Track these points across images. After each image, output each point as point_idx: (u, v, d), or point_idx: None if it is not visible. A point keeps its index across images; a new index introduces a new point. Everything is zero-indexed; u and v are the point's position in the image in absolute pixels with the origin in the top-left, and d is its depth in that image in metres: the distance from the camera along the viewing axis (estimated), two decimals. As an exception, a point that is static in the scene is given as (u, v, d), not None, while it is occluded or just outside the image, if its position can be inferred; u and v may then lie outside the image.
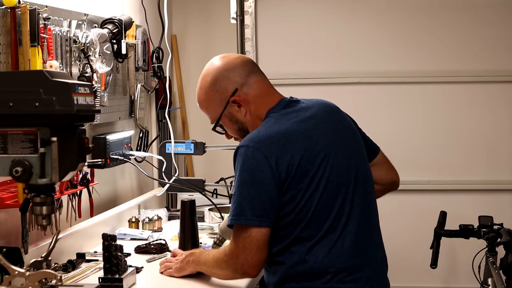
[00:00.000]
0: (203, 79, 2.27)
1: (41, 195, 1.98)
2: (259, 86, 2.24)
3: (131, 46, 3.39)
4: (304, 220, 2.08)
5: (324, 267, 2.08)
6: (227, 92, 2.22)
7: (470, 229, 3.33)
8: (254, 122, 2.22)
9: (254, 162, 2.06)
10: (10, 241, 2.41)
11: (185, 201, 2.68)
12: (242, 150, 2.09)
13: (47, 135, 1.91)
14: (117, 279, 2.25)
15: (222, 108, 2.24)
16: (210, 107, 2.28)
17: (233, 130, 2.29)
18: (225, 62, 2.25)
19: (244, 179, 2.07)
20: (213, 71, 2.25)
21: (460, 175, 4.23)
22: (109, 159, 3.06)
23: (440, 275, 4.13)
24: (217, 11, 4.45)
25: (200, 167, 4.51)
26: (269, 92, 2.26)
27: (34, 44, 2.43)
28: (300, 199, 2.07)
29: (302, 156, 2.07)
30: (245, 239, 2.06)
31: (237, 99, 2.21)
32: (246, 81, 2.22)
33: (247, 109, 2.22)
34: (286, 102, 2.23)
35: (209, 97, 2.25)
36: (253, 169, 2.06)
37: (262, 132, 2.11)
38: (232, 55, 2.29)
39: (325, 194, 2.09)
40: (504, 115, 4.20)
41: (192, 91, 4.49)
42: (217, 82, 2.23)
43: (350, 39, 4.25)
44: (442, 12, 4.20)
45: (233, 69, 2.23)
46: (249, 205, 2.05)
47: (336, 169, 2.11)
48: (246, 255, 2.07)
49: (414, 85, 4.23)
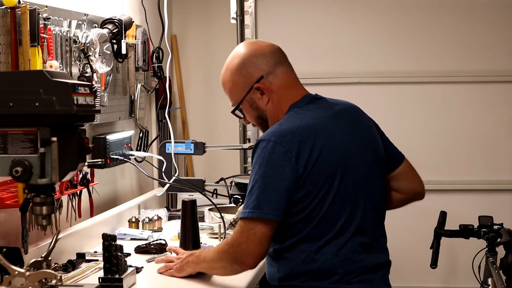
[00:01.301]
0: (231, 62, 2.26)
1: (41, 195, 1.98)
2: (285, 77, 2.23)
3: (131, 46, 3.39)
4: (316, 218, 2.08)
5: (332, 268, 2.09)
6: (252, 78, 2.21)
7: (470, 229, 3.33)
8: (274, 113, 2.22)
9: (274, 156, 2.05)
10: (10, 241, 2.41)
11: (186, 201, 2.68)
12: (263, 144, 2.08)
13: (47, 135, 1.91)
14: (117, 279, 2.25)
15: (245, 93, 2.23)
16: (233, 90, 2.27)
17: (252, 116, 2.28)
18: (255, 48, 2.24)
19: (264, 173, 2.06)
20: (241, 54, 2.24)
21: (460, 175, 4.23)
22: (109, 159, 3.06)
23: (440, 275, 4.13)
24: (217, 11, 4.45)
25: (200, 167, 4.51)
26: (294, 86, 2.25)
27: (34, 44, 2.43)
28: (314, 197, 2.08)
29: (320, 154, 2.07)
30: (250, 231, 2.06)
31: (261, 86, 2.21)
32: (273, 70, 2.21)
33: (269, 98, 2.21)
34: (310, 98, 2.23)
35: (234, 79, 2.24)
36: (273, 163, 2.05)
37: (283, 126, 2.11)
38: (263, 42, 2.28)
39: (339, 194, 2.09)
40: (504, 115, 4.21)
41: (192, 91, 4.54)
42: (244, 66, 2.22)
43: (350, 39, 4.25)
44: (442, 12, 4.21)
45: (261, 56, 2.22)
46: (267, 199, 2.05)
47: (352, 171, 2.12)
48: (248, 245, 2.07)
49: (414, 85, 4.24)
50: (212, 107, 4.49)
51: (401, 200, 2.36)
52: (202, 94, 4.51)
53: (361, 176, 2.15)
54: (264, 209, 2.04)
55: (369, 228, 2.16)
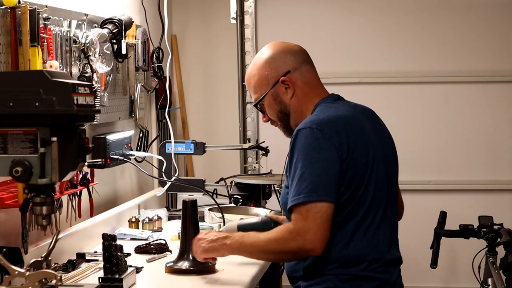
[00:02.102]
0: (259, 57, 2.33)
1: (41, 195, 1.98)
2: (310, 76, 2.30)
3: (131, 46, 3.39)
4: (351, 205, 2.11)
5: (361, 255, 2.11)
6: (279, 72, 2.27)
7: (470, 229, 3.34)
8: (298, 108, 2.28)
9: (320, 141, 2.09)
10: (10, 241, 2.41)
11: (186, 201, 2.68)
12: (306, 131, 2.10)
13: (47, 135, 1.91)
14: (117, 279, 2.24)
15: (271, 86, 2.28)
16: (258, 83, 2.31)
17: (274, 110, 2.31)
18: (284, 46, 2.32)
19: (312, 157, 2.07)
20: (270, 50, 2.31)
21: (460, 175, 4.23)
22: (109, 159, 3.06)
23: (440, 275, 4.14)
24: (217, 11, 4.45)
25: (200, 167, 4.51)
26: (318, 85, 2.32)
27: (34, 44, 2.43)
28: (352, 183, 2.10)
29: (356, 144, 2.12)
30: (316, 214, 2.04)
31: (287, 80, 2.26)
32: (299, 66, 2.28)
33: (294, 93, 2.27)
34: (336, 96, 2.31)
35: (261, 73, 2.29)
36: (319, 148, 2.08)
37: (321, 116, 2.16)
38: (291, 43, 2.36)
39: (372, 184, 2.13)
40: (504, 115, 4.21)
41: (192, 91, 4.54)
42: (272, 60, 2.28)
43: (350, 39, 4.25)
44: (442, 12, 4.21)
45: (289, 53, 2.30)
46: (321, 181, 2.05)
47: (379, 165, 2.17)
48: (317, 230, 2.03)
49: (414, 85, 4.24)
50: (212, 107, 4.49)
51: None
52: (202, 94, 4.51)
53: (386, 172, 2.21)
54: (320, 191, 2.05)
55: (391, 222, 2.22)
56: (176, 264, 2.51)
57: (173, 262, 2.53)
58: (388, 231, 2.19)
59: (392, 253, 2.20)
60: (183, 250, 2.54)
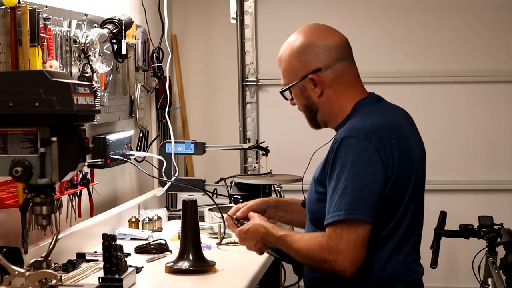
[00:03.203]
0: (295, 40, 2.14)
1: (41, 195, 1.98)
2: (345, 74, 2.12)
3: (131, 46, 3.39)
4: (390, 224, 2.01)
5: (399, 277, 2.04)
6: (309, 67, 2.10)
7: (470, 229, 3.33)
8: (330, 107, 2.12)
9: (368, 154, 1.94)
10: (10, 241, 2.41)
11: (186, 201, 2.68)
12: (352, 141, 1.96)
13: (47, 135, 1.91)
14: (117, 279, 2.24)
15: (298, 79, 2.11)
16: (286, 71, 2.15)
17: (300, 103, 2.16)
18: (322, 36, 2.13)
19: (359, 172, 1.93)
20: (307, 37, 2.12)
21: (460, 175, 4.23)
22: (109, 159, 3.06)
23: (440, 275, 4.13)
24: (217, 11, 4.45)
25: (200, 167, 4.51)
26: (356, 84, 2.15)
27: (34, 44, 2.42)
28: (394, 200, 2.00)
29: (401, 159, 2.00)
30: (351, 235, 1.91)
31: (316, 78, 2.10)
32: (333, 64, 2.10)
33: (322, 91, 2.11)
34: (378, 97, 2.16)
35: (291, 61, 2.13)
36: (367, 161, 1.94)
37: (368, 123, 2.00)
38: (333, 31, 2.17)
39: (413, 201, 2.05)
40: (504, 115, 4.21)
41: (192, 91, 4.54)
42: (304, 51, 2.11)
43: (350, 39, 4.21)
44: (442, 12, 4.21)
45: (325, 46, 2.11)
46: (363, 199, 1.92)
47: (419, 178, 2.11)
48: (349, 252, 1.91)
49: (414, 85, 4.24)
50: (212, 107, 4.49)
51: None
52: (202, 94, 4.51)
53: (422, 186, 2.14)
54: (363, 210, 1.92)
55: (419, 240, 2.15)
56: (176, 264, 2.51)
57: (173, 262, 2.53)
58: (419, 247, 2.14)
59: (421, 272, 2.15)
60: (183, 250, 2.54)
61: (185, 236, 2.64)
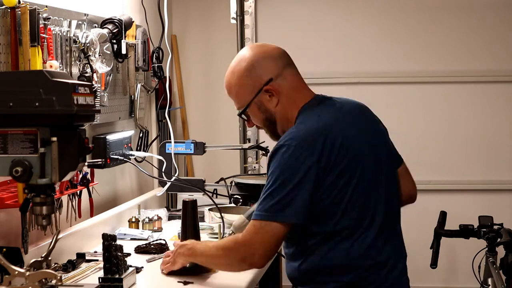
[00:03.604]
0: (238, 64, 2.25)
1: (41, 195, 1.98)
2: (293, 79, 2.24)
3: (131, 46, 3.39)
4: (336, 215, 2.10)
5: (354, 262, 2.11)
6: (261, 80, 2.21)
7: (470, 229, 3.33)
8: (284, 115, 2.22)
9: (297, 161, 2.06)
10: (10, 241, 2.41)
11: (186, 201, 2.68)
12: (284, 149, 2.08)
13: (47, 135, 1.91)
14: (117, 279, 2.25)
15: (253, 95, 2.22)
16: (240, 93, 2.26)
17: (260, 119, 2.27)
18: (263, 51, 2.25)
19: (286, 179, 2.06)
20: (249, 57, 2.24)
21: (460, 175, 4.23)
22: (109, 159, 3.06)
23: (440, 275, 4.13)
24: (217, 11, 4.45)
25: (200, 167, 4.51)
26: (302, 87, 2.26)
27: (34, 44, 2.43)
28: (335, 196, 2.09)
29: (338, 154, 2.09)
30: (266, 232, 2.07)
31: (270, 88, 2.20)
32: (281, 72, 2.21)
33: (278, 100, 2.21)
34: (321, 99, 2.25)
35: (242, 82, 2.24)
36: (295, 168, 2.06)
37: (301, 130, 2.12)
38: (270, 45, 2.28)
39: (358, 192, 2.11)
40: (504, 115, 4.21)
41: (192, 91, 4.54)
42: (253, 68, 2.21)
43: (350, 39, 4.25)
44: (442, 12, 4.21)
45: (270, 58, 2.22)
46: (289, 203, 2.06)
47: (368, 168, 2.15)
48: (261, 246, 2.07)
49: (414, 85, 4.24)
50: (212, 107, 4.49)
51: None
52: (202, 94, 4.51)
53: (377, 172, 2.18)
54: (286, 211, 2.06)
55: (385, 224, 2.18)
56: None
57: (173, 262, 2.53)
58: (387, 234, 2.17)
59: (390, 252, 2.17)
60: (183, 250, 2.54)
61: (185, 236, 2.65)
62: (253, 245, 2.08)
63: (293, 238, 2.15)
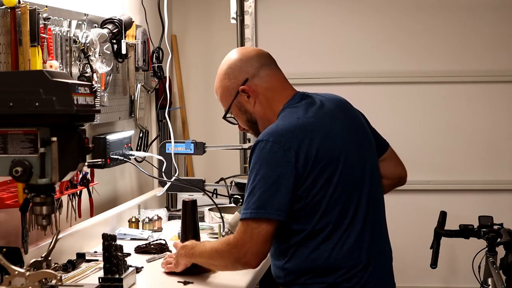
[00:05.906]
0: (220, 68, 2.31)
1: (41, 195, 1.98)
2: (271, 79, 2.26)
3: (131, 46, 3.39)
4: (317, 214, 2.11)
5: (337, 263, 2.11)
6: (238, 81, 2.25)
7: (470, 229, 3.33)
8: (264, 115, 2.25)
9: (275, 156, 2.08)
10: (10, 241, 2.41)
11: (186, 201, 2.68)
12: (262, 144, 2.10)
13: (47, 135, 1.91)
14: (117, 279, 2.25)
15: (233, 97, 2.26)
16: (223, 95, 2.30)
17: (242, 120, 2.31)
18: (241, 53, 2.30)
19: (265, 173, 2.08)
20: (229, 60, 2.29)
21: (460, 175, 4.23)
22: (109, 159, 3.06)
23: (440, 275, 4.13)
24: (217, 11, 4.45)
25: (200, 167, 4.51)
26: (282, 87, 2.28)
27: (34, 44, 2.43)
28: (315, 193, 2.10)
29: (318, 151, 2.10)
30: (254, 230, 2.07)
31: (246, 88, 2.24)
32: (257, 72, 2.25)
33: (255, 100, 2.25)
34: (300, 96, 2.26)
35: (223, 85, 2.29)
36: (273, 163, 2.08)
37: (280, 126, 2.13)
38: (249, 48, 2.36)
39: (339, 190, 2.12)
40: (504, 115, 4.21)
41: (192, 91, 4.54)
42: (231, 71, 2.26)
43: (350, 39, 4.25)
44: (442, 12, 4.21)
45: (247, 59, 2.27)
46: (269, 199, 2.07)
47: (350, 164, 2.15)
48: (251, 245, 2.08)
49: (414, 85, 4.24)
50: (212, 107, 4.49)
51: (386, 186, 2.38)
52: (202, 94, 4.51)
53: (360, 169, 2.19)
54: (268, 209, 2.06)
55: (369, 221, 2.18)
56: (176, 264, 2.51)
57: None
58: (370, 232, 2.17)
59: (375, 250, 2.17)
60: (183, 250, 2.54)
61: (185, 236, 2.65)
62: (243, 245, 2.10)
63: (275, 235, 2.14)
